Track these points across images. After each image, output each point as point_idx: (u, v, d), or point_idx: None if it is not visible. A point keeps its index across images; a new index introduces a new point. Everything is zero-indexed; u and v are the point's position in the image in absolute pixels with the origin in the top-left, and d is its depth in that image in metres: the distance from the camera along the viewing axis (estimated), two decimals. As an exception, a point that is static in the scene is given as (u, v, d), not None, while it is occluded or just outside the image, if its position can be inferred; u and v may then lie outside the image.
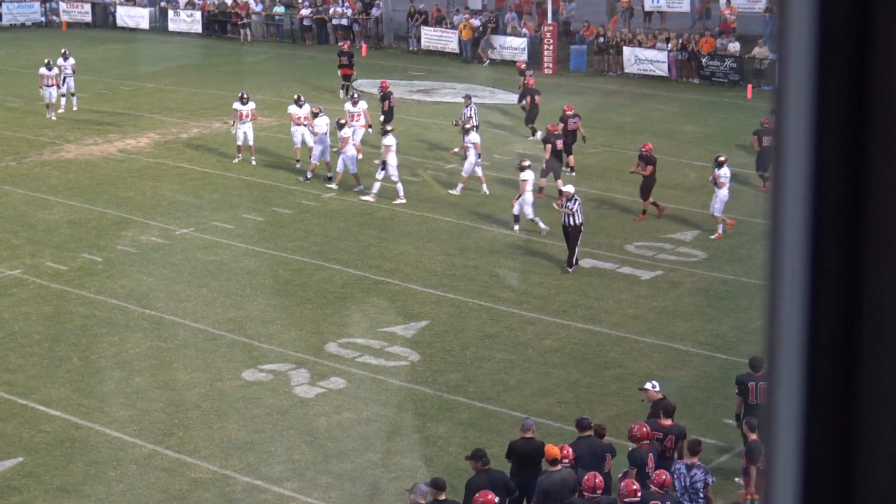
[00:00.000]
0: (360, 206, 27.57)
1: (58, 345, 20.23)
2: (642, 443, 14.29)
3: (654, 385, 15.62)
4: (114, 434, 17.17)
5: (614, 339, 20.52)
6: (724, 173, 25.39)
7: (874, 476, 1.45)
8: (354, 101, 31.67)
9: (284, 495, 15.62)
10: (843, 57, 1.43)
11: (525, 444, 14.49)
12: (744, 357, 17.41)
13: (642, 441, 14.28)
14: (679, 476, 13.81)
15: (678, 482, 13.79)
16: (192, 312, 21.53)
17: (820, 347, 1.47)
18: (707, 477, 13.90)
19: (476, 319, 21.33)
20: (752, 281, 22.83)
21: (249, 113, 30.96)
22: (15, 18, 54.69)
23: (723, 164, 25.52)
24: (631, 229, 26.12)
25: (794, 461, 1.49)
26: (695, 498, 13.79)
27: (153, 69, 44.19)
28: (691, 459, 14.01)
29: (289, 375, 19.02)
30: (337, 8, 50.22)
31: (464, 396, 18.33)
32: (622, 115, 36.89)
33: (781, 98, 1.47)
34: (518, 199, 25.53)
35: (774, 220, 1.48)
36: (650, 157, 26.51)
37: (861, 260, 1.44)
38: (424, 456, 16.55)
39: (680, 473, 13.82)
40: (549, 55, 43.83)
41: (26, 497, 15.58)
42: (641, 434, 14.32)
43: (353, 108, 31.34)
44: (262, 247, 25.00)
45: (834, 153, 1.45)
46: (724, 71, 41.22)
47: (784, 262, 1.48)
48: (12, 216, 27.20)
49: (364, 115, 31.42)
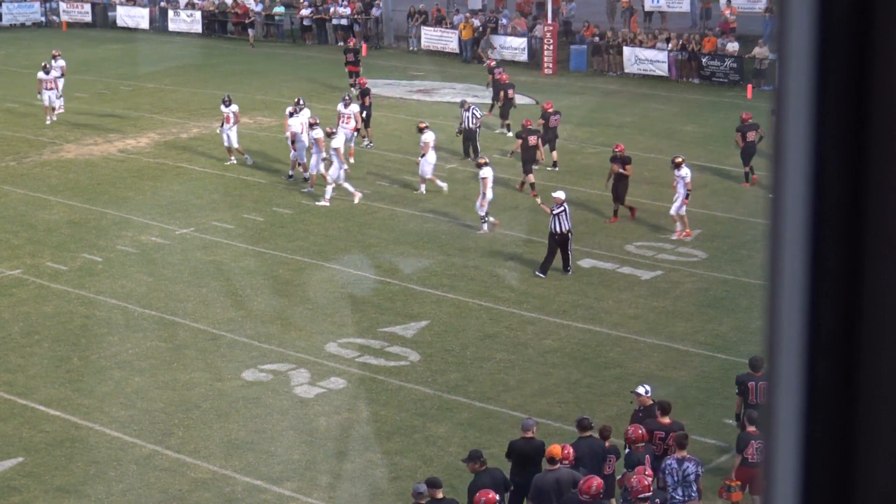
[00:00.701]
0: (361, 206, 27.56)
1: (58, 345, 20.23)
2: (637, 445, 14.29)
3: (647, 390, 15.54)
4: (114, 434, 17.17)
5: (614, 339, 20.51)
6: (683, 174, 25.15)
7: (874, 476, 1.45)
8: (346, 103, 31.38)
9: (284, 495, 15.62)
10: (843, 57, 1.43)
11: (525, 443, 14.50)
12: (744, 357, 17.42)
13: (638, 444, 14.28)
14: (671, 471, 13.85)
15: (670, 477, 13.84)
16: (192, 312, 21.53)
17: (820, 347, 1.47)
18: (698, 468, 14.04)
19: (476, 319, 21.32)
20: (752, 281, 22.83)
21: (232, 116, 30.59)
22: (15, 18, 54.70)
23: (680, 166, 25.24)
24: (631, 229, 26.12)
25: (794, 461, 1.49)
26: (688, 490, 13.88)
27: (153, 69, 44.19)
28: (681, 453, 14.05)
29: (289, 375, 19.02)
30: (337, 8, 50.22)
31: (464, 396, 18.33)
32: (622, 115, 36.89)
33: (781, 98, 1.47)
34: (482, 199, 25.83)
35: (774, 220, 1.48)
36: (625, 157, 26.40)
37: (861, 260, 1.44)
38: (424, 456, 16.55)
39: (672, 469, 13.87)
40: (549, 55, 43.82)
41: (26, 497, 15.58)
42: (637, 437, 14.31)
43: (343, 109, 31.09)
44: (262, 247, 25.00)
45: (834, 153, 1.45)
46: (724, 71, 41.23)
47: (784, 262, 1.48)
48: (12, 216, 27.20)
49: (354, 118, 31.08)
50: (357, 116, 31.26)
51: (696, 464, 14.06)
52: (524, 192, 28.14)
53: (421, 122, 29.33)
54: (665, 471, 13.87)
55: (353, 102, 31.67)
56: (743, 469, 14.50)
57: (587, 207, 27.31)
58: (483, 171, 25.48)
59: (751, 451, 14.40)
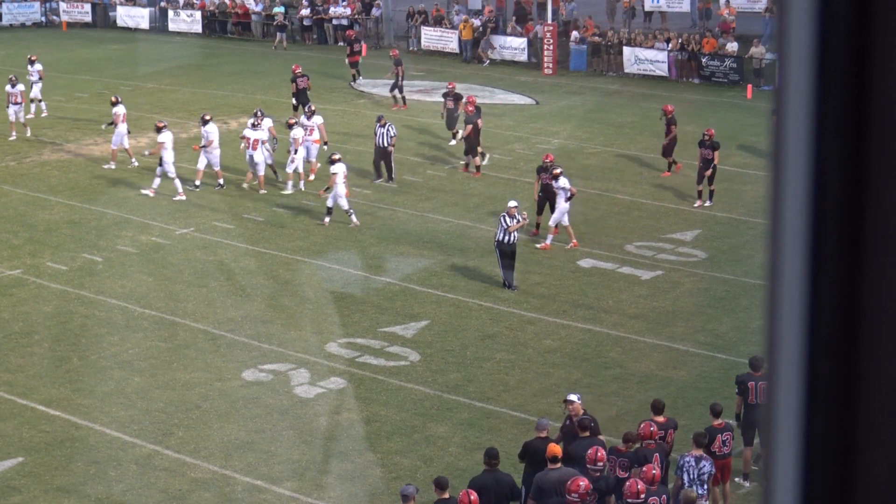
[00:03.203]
0: (360, 206, 27.55)
1: (58, 345, 20.23)
2: (647, 442, 14.35)
3: (578, 397, 15.41)
4: (114, 434, 17.17)
5: (614, 339, 20.51)
6: (562, 184, 24.76)
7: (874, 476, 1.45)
8: (309, 115, 30.17)
9: (284, 495, 15.63)
10: (843, 57, 1.43)
11: (540, 443, 14.43)
12: (744, 357, 17.42)
13: (647, 441, 14.34)
14: (688, 468, 14.00)
15: (686, 475, 13.98)
16: (192, 312, 21.53)
17: (820, 347, 1.47)
18: (712, 468, 14.21)
19: (476, 319, 21.33)
20: (752, 281, 22.83)
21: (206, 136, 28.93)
22: (15, 18, 54.67)
23: (558, 177, 24.81)
24: (631, 229, 26.12)
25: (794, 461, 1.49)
26: (701, 489, 13.98)
27: (153, 69, 44.18)
28: (699, 451, 14.14)
29: (289, 375, 19.02)
30: (337, 8, 50.22)
31: (464, 396, 18.33)
32: (622, 115, 36.88)
33: (781, 98, 1.47)
34: (327, 191, 26.19)
35: (774, 220, 1.48)
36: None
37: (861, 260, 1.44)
38: (424, 456, 16.55)
39: (689, 466, 14.01)
40: (549, 55, 43.82)
41: (26, 497, 15.58)
42: (647, 433, 14.38)
43: (307, 121, 29.79)
44: (262, 247, 25.00)
45: (834, 153, 1.45)
46: (724, 71, 41.21)
47: (784, 262, 1.48)
48: (12, 216, 27.20)
49: (319, 130, 29.88)
50: (321, 129, 30.01)
51: (712, 463, 14.20)
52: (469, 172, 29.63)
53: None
54: (683, 468, 14.02)
55: (316, 114, 30.31)
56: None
57: (587, 206, 27.30)
58: (334, 167, 25.82)
59: (717, 445, 14.75)
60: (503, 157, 31.43)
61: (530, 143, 33.07)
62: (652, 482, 13.47)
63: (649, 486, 13.40)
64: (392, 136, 28.83)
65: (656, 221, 26.56)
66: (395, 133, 29.00)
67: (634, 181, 29.11)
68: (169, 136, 28.25)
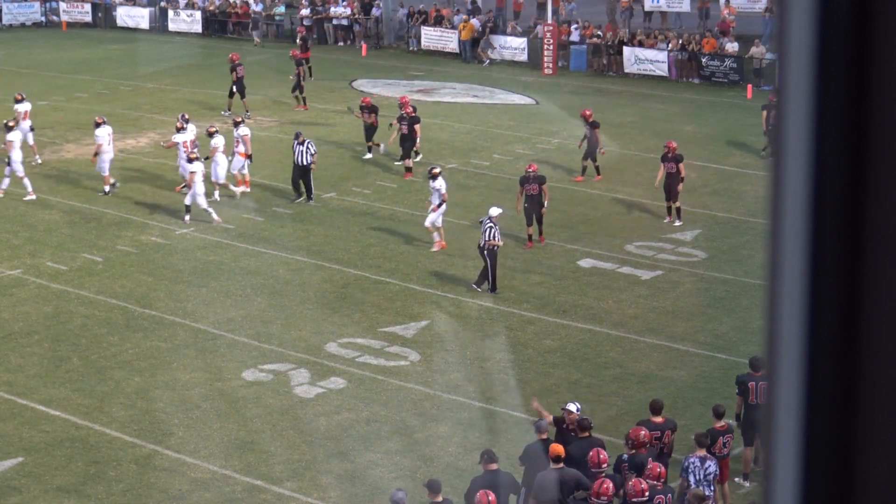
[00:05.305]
0: (361, 206, 27.57)
1: (58, 345, 20.23)
2: (641, 448, 14.31)
3: (577, 408, 15.33)
4: (114, 434, 17.17)
5: (614, 339, 20.51)
6: (437, 185, 24.58)
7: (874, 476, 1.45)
8: (236, 124, 29.16)
9: (284, 495, 15.63)
10: (843, 57, 1.43)
11: (541, 445, 14.42)
12: (744, 357, 17.43)
13: (641, 447, 14.29)
14: (694, 469, 14.00)
15: (692, 476, 13.96)
16: (192, 312, 21.53)
17: (820, 347, 1.47)
18: (717, 469, 14.25)
19: (476, 319, 21.33)
20: (752, 281, 22.83)
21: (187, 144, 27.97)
22: (15, 18, 54.67)
23: (437, 177, 24.72)
24: (631, 229, 26.12)
25: (794, 461, 1.49)
26: (707, 489, 13.99)
27: (153, 69, 44.17)
28: (702, 452, 14.13)
29: (289, 375, 19.03)
30: (337, 8, 50.22)
31: (464, 396, 18.33)
32: (622, 115, 36.87)
33: (781, 98, 1.47)
34: (183, 189, 26.58)
35: (774, 220, 1.48)
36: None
37: (861, 260, 1.44)
38: (424, 456, 16.55)
39: (695, 467, 14.03)
40: (548, 55, 43.82)
41: (26, 497, 15.59)
42: (639, 442, 14.32)
43: (234, 132, 28.72)
44: (262, 247, 25.00)
45: (834, 153, 1.45)
46: (724, 71, 41.22)
47: (784, 262, 1.48)
48: (12, 216, 27.20)
49: (244, 142, 28.46)
50: (247, 140, 28.51)
51: (716, 463, 14.22)
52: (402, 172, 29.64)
53: (211, 127, 28.36)
54: (688, 469, 14.02)
55: (242, 125, 29.22)
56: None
57: (587, 206, 27.30)
58: (192, 165, 26.11)
59: (717, 446, 14.75)
60: (503, 157, 31.43)
61: (530, 143, 33.07)
62: (658, 479, 13.48)
63: (655, 483, 13.40)
64: (312, 154, 27.57)
65: (656, 221, 26.56)
66: (314, 150, 27.73)
67: (634, 181, 29.09)
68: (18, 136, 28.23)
